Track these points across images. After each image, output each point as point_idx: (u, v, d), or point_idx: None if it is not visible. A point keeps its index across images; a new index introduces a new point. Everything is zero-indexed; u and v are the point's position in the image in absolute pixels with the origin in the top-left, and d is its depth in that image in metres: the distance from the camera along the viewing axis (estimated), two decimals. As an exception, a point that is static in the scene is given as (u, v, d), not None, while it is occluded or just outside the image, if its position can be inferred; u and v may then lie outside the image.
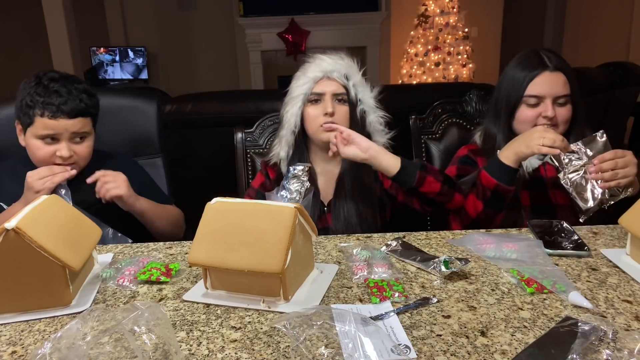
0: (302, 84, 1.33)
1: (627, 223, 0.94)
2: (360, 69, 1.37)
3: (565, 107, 1.26)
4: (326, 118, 1.30)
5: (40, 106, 1.23)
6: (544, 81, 1.25)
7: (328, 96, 1.31)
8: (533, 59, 1.28)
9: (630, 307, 0.77)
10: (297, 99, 1.34)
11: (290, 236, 0.79)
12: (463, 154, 1.42)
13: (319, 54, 1.36)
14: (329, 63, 1.32)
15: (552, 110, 1.24)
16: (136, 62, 6.28)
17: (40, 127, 1.24)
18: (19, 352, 0.72)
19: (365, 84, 1.36)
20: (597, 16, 5.62)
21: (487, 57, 5.93)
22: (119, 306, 0.84)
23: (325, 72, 1.32)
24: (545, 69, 1.26)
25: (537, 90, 1.25)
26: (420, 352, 0.67)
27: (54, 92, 1.24)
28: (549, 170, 1.31)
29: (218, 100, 2.49)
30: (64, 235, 0.85)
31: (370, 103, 1.36)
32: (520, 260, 0.93)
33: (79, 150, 1.30)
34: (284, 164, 1.39)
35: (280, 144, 1.39)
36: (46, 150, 1.26)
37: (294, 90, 1.35)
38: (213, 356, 0.68)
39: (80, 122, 1.27)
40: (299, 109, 1.34)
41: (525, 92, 1.26)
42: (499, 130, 1.33)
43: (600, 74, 3.03)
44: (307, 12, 6.16)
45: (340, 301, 0.83)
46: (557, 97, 1.25)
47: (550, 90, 1.25)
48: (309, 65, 1.35)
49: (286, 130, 1.37)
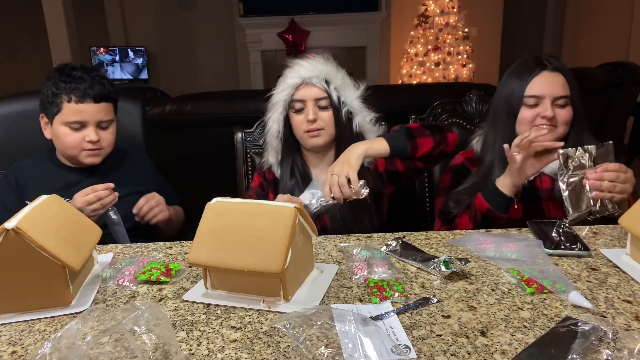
0: (281, 90, 1.35)
1: (627, 223, 0.94)
2: (353, 69, 1.36)
3: (565, 108, 1.25)
4: (309, 125, 1.31)
5: (67, 91, 1.28)
6: (542, 81, 1.25)
7: (310, 103, 1.32)
8: (532, 61, 1.28)
9: (630, 307, 0.77)
10: (277, 105, 1.36)
11: (290, 236, 0.79)
12: (459, 162, 1.41)
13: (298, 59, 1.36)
14: (308, 69, 1.32)
15: (551, 110, 1.23)
16: (136, 62, 6.28)
17: (69, 113, 1.29)
18: (19, 352, 0.72)
19: (349, 85, 1.36)
20: (597, 16, 5.62)
21: (487, 57, 5.93)
22: (119, 306, 0.84)
23: (303, 78, 1.31)
24: (544, 69, 1.26)
25: (536, 90, 1.25)
26: (420, 352, 0.67)
27: (78, 78, 1.29)
28: (544, 182, 1.30)
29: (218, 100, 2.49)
30: (64, 235, 0.85)
31: (355, 104, 1.35)
32: (520, 261, 0.92)
33: (104, 137, 1.35)
34: (276, 167, 1.41)
35: (267, 150, 1.42)
36: (74, 137, 1.31)
37: (274, 97, 1.36)
38: (213, 356, 0.68)
39: (105, 108, 1.33)
40: (280, 114, 1.36)
41: (525, 93, 1.26)
42: (499, 135, 1.30)
43: (600, 74, 3.03)
44: (307, 12, 6.16)
45: (340, 301, 0.83)
46: (557, 98, 1.24)
47: (549, 90, 1.24)
48: (289, 70, 1.35)
49: (270, 137, 1.39)
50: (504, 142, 1.23)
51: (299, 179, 1.36)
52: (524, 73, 1.27)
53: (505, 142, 1.24)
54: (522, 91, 1.26)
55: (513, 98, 1.27)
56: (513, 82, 1.28)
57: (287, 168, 1.38)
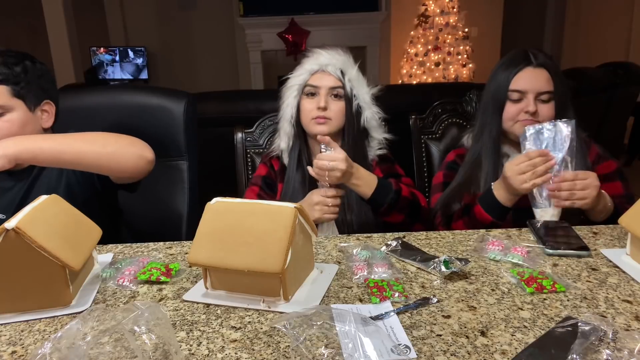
0: (298, 75, 1.37)
1: (627, 223, 0.94)
2: (357, 67, 1.38)
3: (549, 104, 1.27)
4: (319, 112, 1.32)
5: None
6: (526, 76, 1.27)
7: (324, 90, 1.32)
8: (519, 56, 1.30)
9: (630, 307, 0.77)
10: (292, 88, 1.37)
11: (290, 236, 0.79)
12: (450, 159, 1.44)
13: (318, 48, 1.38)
14: (325, 57, 1.34)
15: (534, 105, 1.25)
16: (136, 62, 6.28)
17: None
18: (19, 352, 0.72)
19: (362, 80, 1.37)
20: (597, 16, 5.62)
21: (487, 57, 5.93)
22: (119, 306, 0.84)
23: (320, 65, 1.34)
24: (528, 65, 1.28)
25: (520, 85, 1.27)
26: (420, 352, 0.67)
27: None
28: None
29: (218, 100, 2.49)
30: (64, 235, 0.84)
31: (367, 99, 1.37)
32: (521, 264, 0.93)
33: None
34: (286, 154, 1.41)
35: (279, 135, 1.42)
36: None
37: (290, 81, 1.38)
38: (213, 356, 0.68)
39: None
40: (294, 98, 1.37)
41: (509, 87, 1.28)
42: (487, 128, 1.33)
43: (600, 74, 3.03)
44: (307, 12, 6.16)
45: (340, 301, 0.83)
46: (540, 93, 1.26)
47: (533, 85, 1.26)
48: (307, 59, 1.37)
49: (283, 121, 1.40)
50: (491, 136, 1.29)
51: (305, 172, 1.36)
52: (510, 67, 1.30)
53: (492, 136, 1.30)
54: (506, 85, 1.28)
55: (499, 92, 1.30)
56: (500, 75, 1.31)
57: (294, 156, 1.39)
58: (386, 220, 1.30)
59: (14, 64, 1.18)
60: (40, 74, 1.23)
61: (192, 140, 1.54)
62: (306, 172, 1.34)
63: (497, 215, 1.21)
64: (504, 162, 1.33)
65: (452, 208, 1.33)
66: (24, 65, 1.20)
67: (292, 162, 1.39)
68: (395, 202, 1.25)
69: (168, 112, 1.51)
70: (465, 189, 1.33)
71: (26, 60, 1.21)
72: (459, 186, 1.34)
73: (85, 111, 1.47)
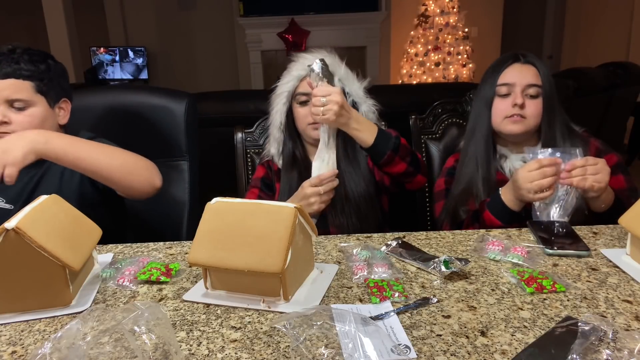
0: (286, 82, 1.36)
1: (627, 223, 0.94)
2: (353, 69, 1.38)
3: (536, 99, 1.28)
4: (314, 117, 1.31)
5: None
6: (514, 70, 1.29)
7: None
8: (507, 56, 1.33)
9: (630, 307, 0.77)
10: (281, 96, 1.37)
11: (290, 236, 0.79)
12: (450, 165, 1.44)
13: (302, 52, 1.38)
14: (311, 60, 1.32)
15: (522, 97, 1.26)
16: (136, 62, 6.29)
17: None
18: (19, 352, 0.72)
19: (352, 76, 1.37)
20: (597, 16, 5.62)
21: (487, 57, 5.90)
22: (119, 306, 0.84)
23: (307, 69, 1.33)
24: (516, 61, 1.30)
25: (507, 79, 1.29)
26: (420, 352, 0.67)
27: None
28: None
29: (218, 100, 2.49)
30: (64, 235, 0.85)
31: (360, 94, 1.37)
32: (521, 264, 0.93)
33: (17, 119, 1.19)
34: (277, 158, 1.42)
35: (269, 141, 1.43)
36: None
37: (279, 88, 1.38)
38: (213, 356, 0.68)
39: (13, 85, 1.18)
40: (283, 105, 1.37)
41: (497, 83, 1.30)
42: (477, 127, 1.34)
43: (600, 74, 3.03)
44: (307, 12, 6.17)
45: (340, 301, 0.83)
46: (528, 86, 1.27)
47: (520, 78, 1.27)
48: (294, 64, 1.37)
49: (273, 128, 1.41)
50: (482, 134, 1.30)
51: (301, 169, 1.37)
52: (498, 66, 1.32)
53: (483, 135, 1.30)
54: (494, 82, 1.30)
55: (488, 89, 1.31)
56: (489, 75, 1.33)
57: (288, 159, 1.39)
58: (389, 172, 1.27)
59: (38, 61, 1.23)
60: (60, 73, 1.29)
61: (193, 140, 1.55)
62: (302, 172, 1.35)
63: (507, 220, 1.20)
64: (502, 163, 1.33)
65: (460, 215, 1.32)
66: (48, 63, 1.25)
67: (286, 163, 1.40)
68: (398, 147, 1.24)
69: (169, 112, 1.51)
70: (468, 194, 1.31)
71: (49, 59, 1.27)
72: (461, 192, 1.33)
73: (85, 111, 1.47)
